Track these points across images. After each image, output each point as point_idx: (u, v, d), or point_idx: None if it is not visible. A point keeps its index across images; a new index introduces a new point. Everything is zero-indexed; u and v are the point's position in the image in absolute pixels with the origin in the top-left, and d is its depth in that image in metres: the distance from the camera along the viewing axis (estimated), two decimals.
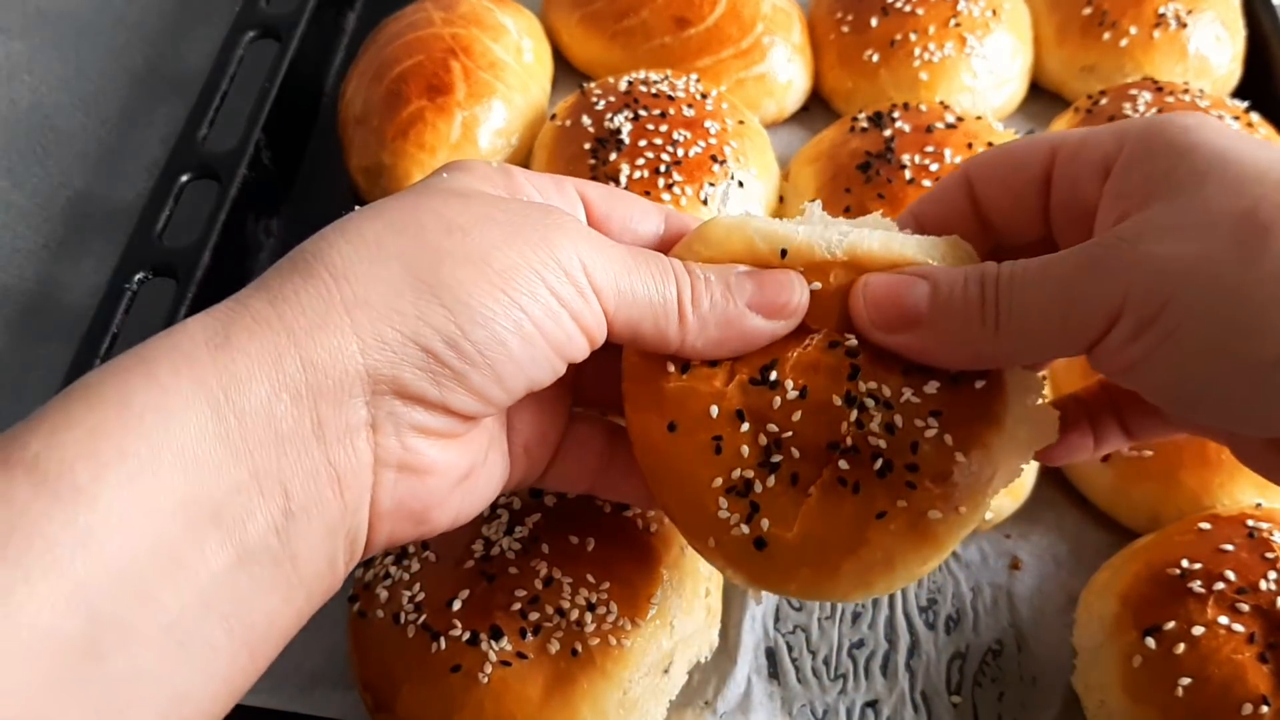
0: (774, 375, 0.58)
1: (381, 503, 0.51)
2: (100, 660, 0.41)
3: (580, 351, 0.54)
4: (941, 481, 0.55)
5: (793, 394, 0.57)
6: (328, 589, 0.51)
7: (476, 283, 0.49)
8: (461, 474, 0.55)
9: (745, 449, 0.57)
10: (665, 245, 0.62)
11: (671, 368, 0.59)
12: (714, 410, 0.58)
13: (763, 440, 0.57)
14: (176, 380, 0.45)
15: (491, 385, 0.51)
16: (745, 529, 0.57)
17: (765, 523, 0.56)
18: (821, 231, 0.59)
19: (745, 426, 0.57)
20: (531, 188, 0.59)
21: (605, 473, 0.67)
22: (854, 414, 0.57)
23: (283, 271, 0.49)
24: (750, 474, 0.57)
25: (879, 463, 0.56)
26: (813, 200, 0.97)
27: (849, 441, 0.56)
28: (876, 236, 0.59)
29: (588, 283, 0.52)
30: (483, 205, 0.53)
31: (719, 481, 0.57)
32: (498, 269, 0.50)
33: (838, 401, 0.57)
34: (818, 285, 0.59)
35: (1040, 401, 0.59)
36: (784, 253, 0.58)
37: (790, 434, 0.57)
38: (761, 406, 0.58)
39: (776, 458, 0.57)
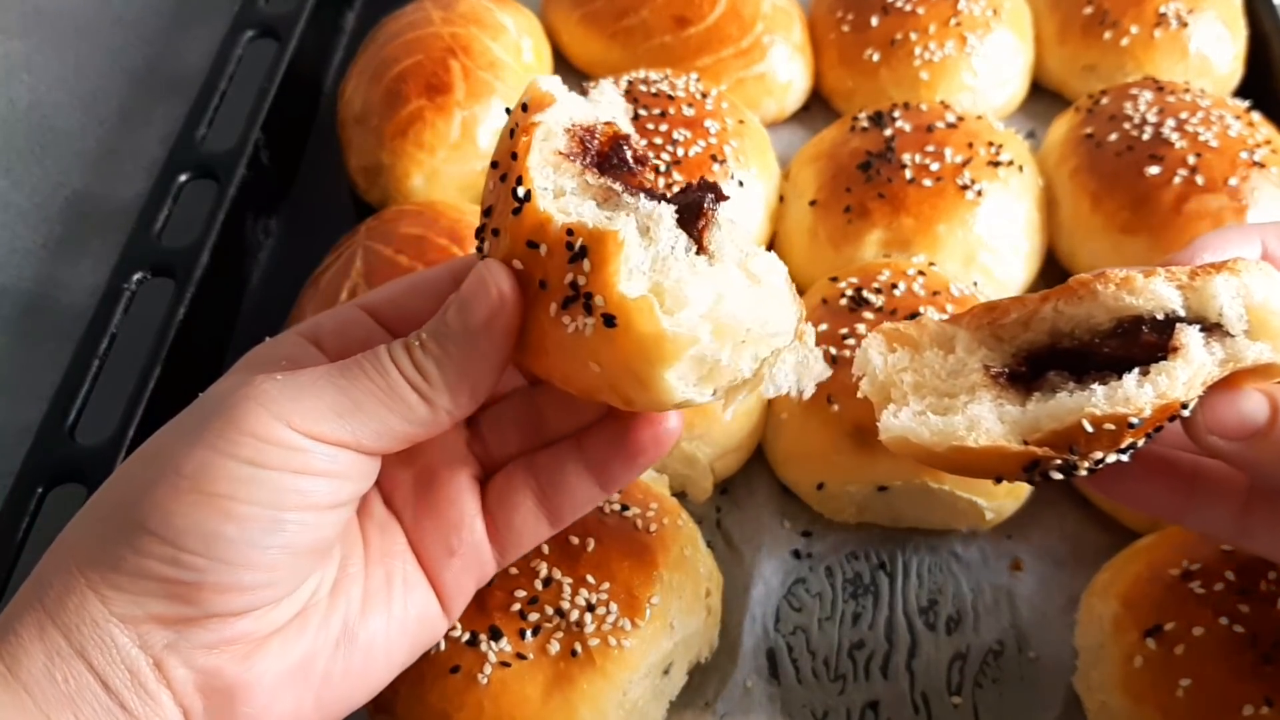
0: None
1: None
2: None
3: (349, 491, 0.54)
4: None
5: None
6: None
7: (172, 497, 0.50)
8: (289, 669, 0.55)
9: None
10: (453, 279, 0.59)
11: (554, 308, 0.54)
12: None
13: None
14: None
15: (241, 574, 0.51)
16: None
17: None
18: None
19: None
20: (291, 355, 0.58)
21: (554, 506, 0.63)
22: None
23: (45, 555, 0.54)
24: None
25: None
26: (811, 201, 0.98)
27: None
28: None
29: (297, 433, 0.51)
30: (180, 416, 0.54)
31: None
32: (188, 474, 0.50)
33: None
34: None
35: None
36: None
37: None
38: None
39: None
